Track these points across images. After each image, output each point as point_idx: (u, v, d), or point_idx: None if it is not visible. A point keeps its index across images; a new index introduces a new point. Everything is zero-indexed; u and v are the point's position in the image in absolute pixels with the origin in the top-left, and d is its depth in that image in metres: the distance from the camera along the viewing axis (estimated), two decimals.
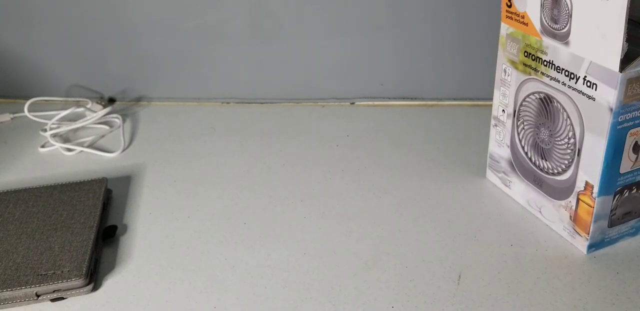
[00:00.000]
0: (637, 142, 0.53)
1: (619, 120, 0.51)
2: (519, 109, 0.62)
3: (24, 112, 0.89)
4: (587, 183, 0.55)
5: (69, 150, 0.82)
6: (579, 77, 0.52)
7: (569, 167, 0.57)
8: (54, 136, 0.85)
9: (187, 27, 0.87)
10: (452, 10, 0.81)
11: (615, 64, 0.48)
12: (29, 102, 0.90)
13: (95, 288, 0.59)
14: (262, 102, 0.92)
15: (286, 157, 0.78)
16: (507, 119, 0.64)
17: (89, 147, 0.83)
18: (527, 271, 0.58)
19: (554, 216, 0.62)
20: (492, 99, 0.79)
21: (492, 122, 0.67)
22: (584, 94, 0.52)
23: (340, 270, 0.59)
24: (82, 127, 0.88)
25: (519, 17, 0.57)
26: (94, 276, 0.59)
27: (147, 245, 0.64)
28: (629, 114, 0.51)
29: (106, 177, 0.76)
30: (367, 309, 0.55)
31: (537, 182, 0.62)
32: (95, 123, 0.88)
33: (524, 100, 0.60)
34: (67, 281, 0.56)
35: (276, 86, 0.91)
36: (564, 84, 0.54)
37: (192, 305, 0.56)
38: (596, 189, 0.55)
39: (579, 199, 0.57)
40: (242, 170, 0.76)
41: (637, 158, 0.55)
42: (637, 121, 0.52)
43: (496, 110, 0.66)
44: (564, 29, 0.52)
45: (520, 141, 0.63)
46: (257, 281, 0.58)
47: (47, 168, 0.79)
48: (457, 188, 0.70)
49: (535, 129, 0.60)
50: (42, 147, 0.83)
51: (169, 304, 0.56)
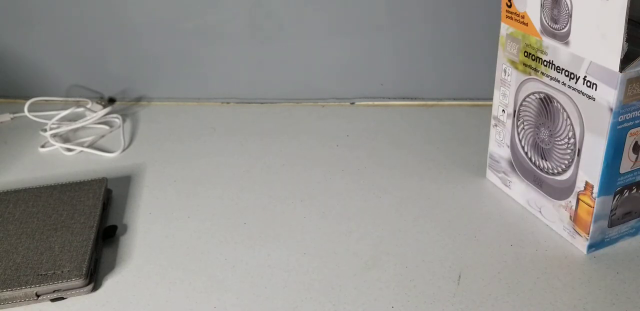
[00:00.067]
0: (637, 142, 0.53)
1: (619, 120, 0.51)
2: (519, 109, 0.62)
3: (24, 112, 0.89)
4: (587, 183, 0.55)
5: (69, 150, 0.82)
6: (579, 77, 0.52)
7: (569, 167, 0.57)
8: (54, 136, 0.85)
9: (187, 27, 0.87)
10: (452, 10, 0.81)
11: (615, 64, 0.48)
12: (29, 102, 0.90)
13: (95, 288, 0.59)
14: (262, 102, 0.92)
15: (286, 157, 0.78)
16: (507, 119, 0.64)
17: (89, 147, 0.83)
18: (527, 271, 0.58)
19: (554, 216, 0.62)
20: (492, 99, 0.79)
21: (492, 122, 0.67)
22: (584, 94, 0.52)
23: (340, 270, 0.59)
24: (82, 127, 0.88)
25: (519, 17, 0.57)
26: (94, 276, 0.59)
27: (147, 245, 0.64)
28: (629, 114, 0.51)
29: (106, 177, 0.76)
30: (367, 309, 0.54)
31: (537, 182, 0.62)
32: (95, 123, 0.88)
33: (524, 100, 0.60)
34: (67, 281, 0.56)
35: (276, 86, 0.91)
36: (564, 84, 0.54)
37: (192, 305, 0.56)
38: (596, 189, 0.55)
39: (579, 199, 0.57)
40: (242, 170, 0.76)
41: (637, 158, 0.55)
42: (637, 121, 0.52)
43: (496, 110, 0.66)
44: (564, 29, 0.52)
45: (520, 141, 0.63)
46: (257, 281, 0.58)
47: (47, 168, 0.79)
48: (457, 188, 0.70)
49: (535, 129, 0.60)
50: (42, 147, 0.83)
51: (169, 304, 0.56)
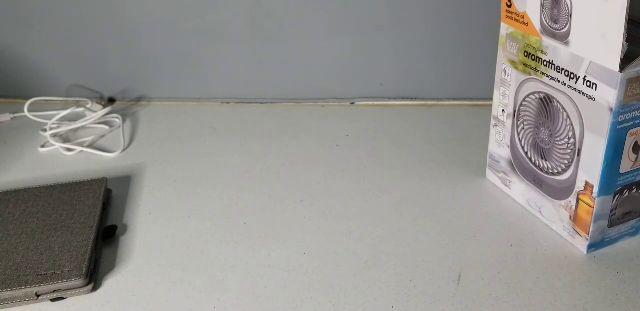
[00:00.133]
0: (637, 142, 0.53)
1: (619, 120, 0.51)
2: (519, 109, 0.62)
3: (24, 112, 0.89)
4: (587, 183, 0.55)
5: (69, 150, 0.82)
6: (579, 77, 0.52)
7: (569, 167, 0.57)
8: (54, 136, 0.85)
9: (187, 27, 0.87)
10: (452, 10, 0.81)
11: (615, 64, 0.48)
12: (29, 102, 0.90)
13: (95, 288, 0.59)
14: (262, 102, 0.92)
15: (286, 157, 0.78)
16: (507, 119, 0.64)
17: (89, 147, 0.83)
18: (527, 271, 0.58)
19: (554, 216, 0.62)
20: (492, 99, 0.79)
21: (492, 122, 0.67)
22: (584, 94, 0.52)
23: (340, 270, 0.59)
24: (82, 127, 0.88)
25: (519, 17, 0.57)
26: (94, 276, 0.59)
27: (147, 245, 0.64)
28: (629, 114, 0.51)
29: (106, 177, 0.76)
30: (367, 309, 0.54)
31: (537, 182, 0.62)
32: (95, 123, 0.88)
33: (524, 100, 0.60)
34: (67, 281, 0.56)
35: (276, 86, 0.91)
36: (564, 84, 0.54)
37: (192, 305, 0.56)
38: (596, 189, 0.55)
39: (579, 199, 0.57)
40: (242, 170, 0.76)
41: (637, 158, 0.55)
42: (637, 121, 0.52)
43: (496, 110, 0.66)
44: (564, 29, 0.52)
45: (520, 141, 0.63)
46: (257, 281, 0.58)
47: (47, 168, 0.79)
48: (457, 188, 0.70)
49: (535, 129, 0.60)
50: (42, 147, 0.83)
51: (169, 304, 0.56)
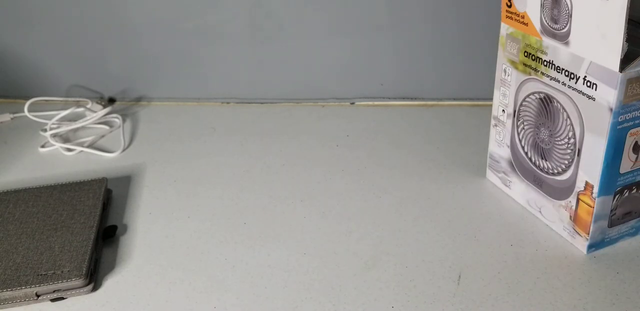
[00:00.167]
0: (637, 142, 0.53)
1: (619, 120, 0.51)
2: (519, 109, 0.62)
3: (24, 112, 0.89)
4: (587, 183, 0.55)
5: (69, 150, 0.82)
6: (579, 77, 0.52)
7: (569, 167, 0.57)
8: (54, 136, 0.85)
9: (187, 27, 0.87)
10: (452, 10, 0.81)
11: (615, 64, 0.48)
12: (29, 102, 0.90)
13: (95, 288, 0.59)
14: (262, 102, 0.92)
15: (286, 157, 0.78)
16: (507, 119, 0.64)
17: (89, 147, 0.83)
18: (527, 271, 0.58)
19: (554, 216, 0.62)
20: (492, 99, 0.79)
21: (492, 122, 0.67)
22: (584, 94, 0.52)
23: (340, 270, 0.59)
24: (82, 127, 0.88)
25: (519, 17, 0.57)
26: (94, 276, 0.59)
27: (147, 245, 0.64)
28: (629, 114, 0.51)
29: (106, 177, 0.76)
30: (367, 309, 0.54)
31: (537, 182, 0.62)
32: (95, 123, 0.88)
33: (524, 100, 0.60)
34: (67, 281, 0.56)
35: (276, 86, 0.91)
36: (564, 84, 0.54)
37: (192, 305, 0.56)
38: (596, 189, 0.55)
39: (579, 199, 0.57)
40: (242, 170, 0.76)
41: (637, 158, 0.55)
42: (637, 121, 0.52)
43: (496, 110, 0.66)
44: (564, 29, 0.52)
45: (520, 141, 0.63)
46: (257, 281, 0.58)
47: (47, 168, 0.79)
48: (457, 188, 0.70)
49: (535, 129, 0.60)
50: (42, 147, 0.83)
51: (169, 304, 0.56)
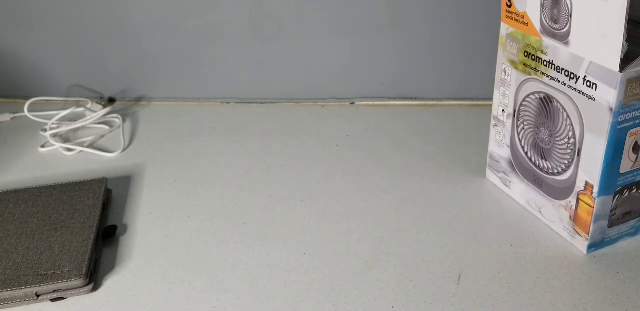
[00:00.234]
0: (637, 142, 0.53)
1: (619, 120, 0.51)
2: (519, 109, 0.62)
3: (24, 112, 0.89)
4: (587, 183, 0.55)
5: (69, 150, 0.82)
6: (579, 77, 0.52)
7: (569, 167, 0.57)
8: (54, 136, 0.85)
9: (187, 27, 0.87)
10: (452, 10, 0.81)
11: (615, 64, 0.48)
12: (29, 102, 0.90)
13: (95, 288, 0.59)
14: (262, 102, 0.92)
15: (286, 157, 0.78)
16: (507, 119, 0.64)
17: (89, 147, 0.83)
18: (527, 271, 0.58)
19: (554, 216, 0.62)
20: (492, 99, 0.79)
21: (492, 122, 0.67)
22: (584, 94, 0.52)
23: (340, 270, 0.59)
24: (82, 127, 0.88)
25: (519, 17, 0.57)
26: (94, 276, 0.59)
27: (147, 245, 0.64)
28: (629, 114, 0.51)
29: (106, 177, 0.76)
30: (367, 309, 0.54)
31: (537, 182, 0.62)
32: (95, 123, 0.88)
33: (524, 100, 0.60)
34: (67, 281, 0.56)
35: (276, 86, 0.91)
36: (564, 84, 0.54)
37: (192, 305, 0.56)
38: (596, 189, 0.55)
39: (579, 199, 0.57)
40: (242, 170, 0.76)
41: (637, 158, 0.55)
42: (637, 121, 0.52)
43: (496, 110, 0.66)
44: (564, 29, 0.52)
45: (520, 141, 0.63)
46: (257, 281, 0.58)
47: (47, 168, 0.79)
48: (457, 188, 0.70)
49: (535, 129, 0.60)
50: (42, 147, 0.83)
51: (169, 304, 0.56)
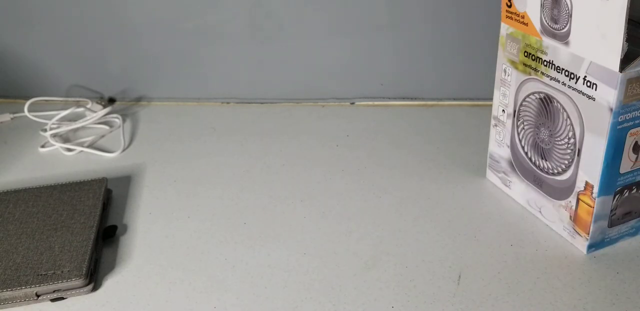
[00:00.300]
0: (637, 142, 0.53)
1: (619, 120, 0.51)
2: (519, 109, 0.62)
3: (24, 112, 0.89)
4: (587, 183, 0.55)
5: (69, 150, 0.82)
6: (579, 77, 0.52)
7: (569, 167, 0.57)
8: (54, 136, 0.85)
9: (187, 27, 0.87)
10: (452, 10, 0.81)
11: (615, 64, 0.48)
12: (29, 102, 0.90)
13: (95, 288, 0.59)
14: (262, 102, 0.92)
15: (286, 157, 0.78)
16: (507, 119, 0.64)
17: (89, 147, 0.83)
18: (527, 271, 0.58)
19: (554, 216, 0.62)
20: (492, 99, 0.79)
21: (492, 122, 0.67)
22: (584, 94, 0.52)
23: (340, 270, 0.59)
24: (82, 127, 0.88)
25: (519, 17, 0.57)
26: (94, 276, 0.59)
27: (147, 245, 0.64)
28: (629, 114, 0.51)
29: (106, 177, 0.76)
30: (367, 309, 0.54)
31: (537, 182, 0.62)
32: (95, 123, 0.88)
33: (524, 100, 0.60)
34: (67, 281, 0.56)
35: (276, 86, 0.91)
36: (564, 84, 0.54)
37: (192, 305, 0.56)
38: (596, 189, 0.55)
39: (579, 199, 0.57)
40: (242, 170, 0.76)
41: (637, 158, 0.55)
42: (637, 121, 0.52)
43: (496, 110, 0.66)
44: (564, 29, 0.52)
45: (520, 141, 0.63)
46: (257, 281, 0.58)
47: (47, 168, 0.79)
48: (457, 188, 0.70)
49: (535, 129, 0.60)
50: (42, 147, 0.83)
51: (169, 304, 0.56)
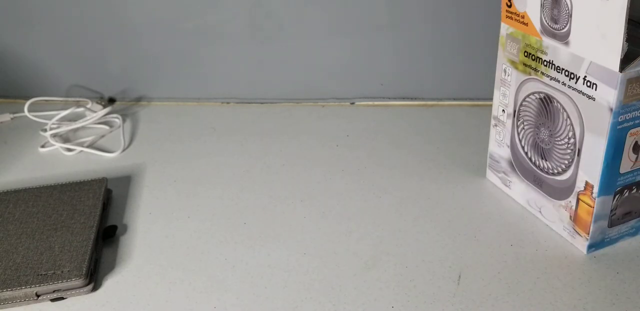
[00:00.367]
0: (637, 142, 0.53)
1: (619, 120, 0.51)
2: (519, 109, 0.62)
3: (24, 112, 0.89)
4: (587, 183, 0.55)
5: (69, 150, 0.82)
6: (579, 77, 0.52)
7: (569, 167, 0.57)
8: (54, 136, 0.85)
9: (187, 27, 0.87)
10: (452, 10, 0.81)
11: (615, 64, 0.48)
12: (29, 102, 0.90)
13: (95, 288, 0.59)
14: (262, 102, 0.92)
15: (286, 157, 0.78)
16: (507, 119, 0.64)
17: (89, 147, 0.83)
18: (527, 271, 0.58)
19: (554, 216, 0.62)
20: (492, 99, 0.79)
21: (492, 122, 0.67)
22: (584, 94, 0.52)
23: (340, 270, 0.59)
24: (82, 127, 0.88)
25: (519, 17, 0.57)
26: (94, 276, 0.59)
27: (147, 245, 0.64)
28: (629, 114, 0.51)
29: (106, 177, 0.76)
30: (367, 309, 0.54)
31: (537, 182, 0.62)
32: (95, 123, 0.88)
33: (524, 100, 0.60)
34: (67, 281, 0.56)
35: (276, 86, 0.91)
36: (564, 84, 0.54)
37: (192, 305, 0.56)
38: (596, 189, 0.55)
39: (579, 199, 0.57)
40: (242, 170, 0.76)
41: (637, 158, 0.55)
42: (637, 121, 0.52)
43: (496, 110, 0.66)
44: (564, 29, 0.52)
45: (520, 141, 0.63)
46: (257, 281, 0.58)
47: (47, 168, 0.79)
48: (457, 188, 0.70)
49: (535, 129, 0.60)
50: (42, 147, 0.83)
51: (169, 304, 0.56)
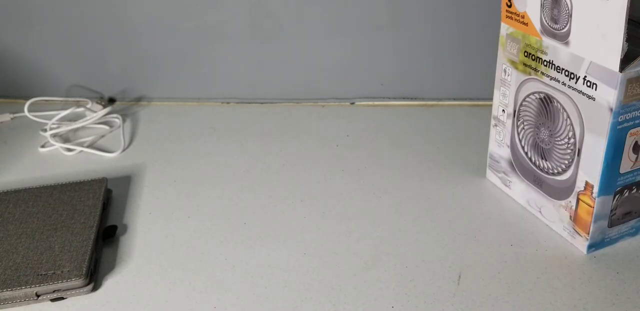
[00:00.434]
0: (637, 142, 0.53)
1: (619, 120, 0.51)
2: (519, 109, 0.62)
3: (24, 112, 0.89)
4: (587, 183, 0.55)
5: (69, 150, 0.82)
6: (579, 77, 0.52)
7: (569, 167, 0.57)
8: (54, 136, 0.85)
9: (187, 27, 0.87)
10: (452, 10, 0.81)
11: (615, 64, 0.48)
12: (29, 102, 0.90)
13: (95, 288, 0.59)
14: (262, 102, 0.92)
15: (286, 157, 0.78)
16: (507, 119, 0.64)
17: (89, 147, 0.83)
18: (527, 271, 0.58)
19: (554, 216, 0.62)
20: (492, 99, 0.79)
21: (492, 122, 0.67)
22: (584, 94, 0.52)
23: (340, 270, 0.59)
24: (82, 127, 0.88)
25: (519, 17, 0.57)
26: (94, 276, 0.59)
27: (147, 245, 0.64)
28: (629, 114, 0.51)
29: (106, 177, 0.76)
30: (367, 309, 0.54)
31: (537, 182, 0.62)
32: (95, 123, 0.88)
33: (524, 100, 0.60)
34: (67, 281, 0.56)
35: (276, 86, 0.91)
36: (564, 84, 0.54)
37: (192, 305, 0.56)
38: (596, 189, 0.55)
39: (579, 199, 0.57)
40: (242, 170, 0.76)
41: (637, 158, 0.55)
42: (637, 121, 0.52)
43: (496, 110, 0.66)
44: (564, 29, 0.52)
45: (520, 141, 0.63)
46: (257, 281, 0.58)
47: (47, 168, 0.79)
48: (457, 188, 0.70)
49: (535, 129, 0.60)
50: (42, 147, 0.83)
51: (169, 304, 0.56)
